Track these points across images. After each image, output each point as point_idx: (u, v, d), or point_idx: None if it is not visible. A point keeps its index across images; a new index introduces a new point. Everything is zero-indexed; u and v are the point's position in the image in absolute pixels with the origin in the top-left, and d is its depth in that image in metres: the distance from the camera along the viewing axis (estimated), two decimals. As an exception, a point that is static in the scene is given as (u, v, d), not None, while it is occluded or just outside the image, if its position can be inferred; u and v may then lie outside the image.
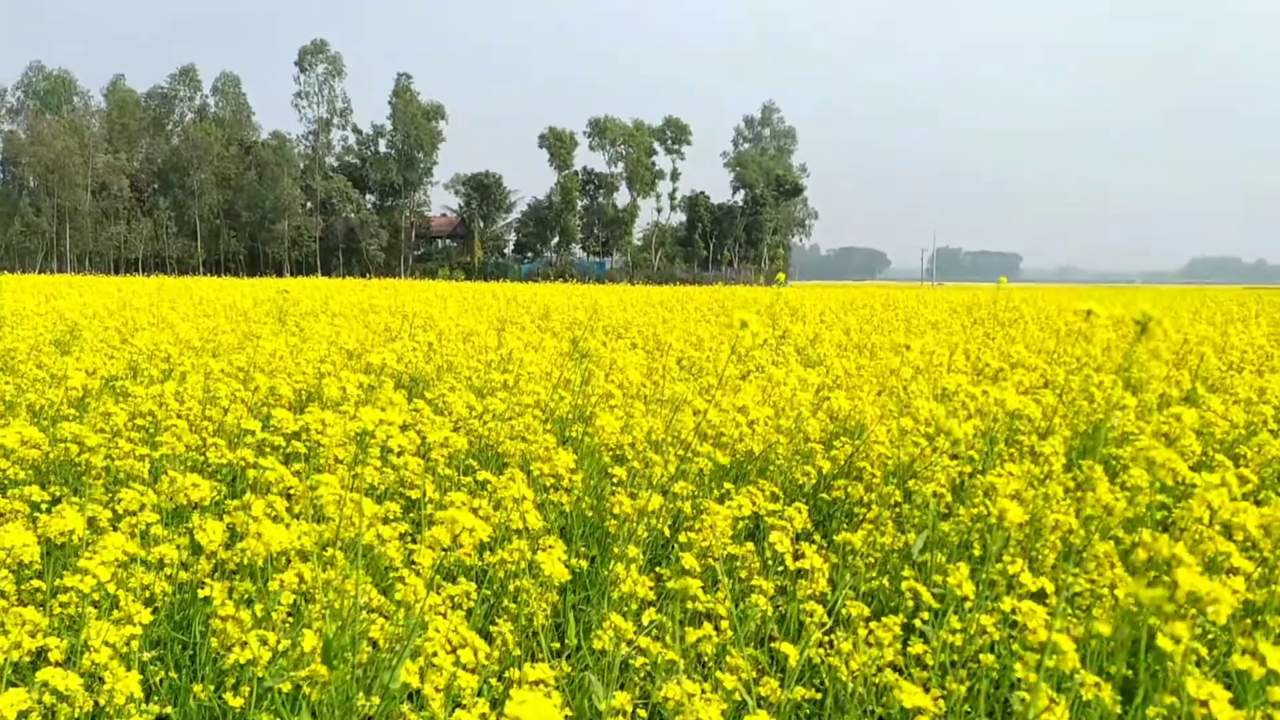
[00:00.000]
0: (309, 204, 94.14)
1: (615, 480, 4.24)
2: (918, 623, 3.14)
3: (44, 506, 3.71)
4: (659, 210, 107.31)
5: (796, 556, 2.89)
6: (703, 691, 2.35)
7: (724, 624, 2.78)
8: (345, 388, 4.64)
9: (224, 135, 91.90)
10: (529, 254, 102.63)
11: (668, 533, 4.08)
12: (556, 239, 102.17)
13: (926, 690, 2.87)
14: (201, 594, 3.00)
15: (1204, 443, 5.14)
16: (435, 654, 2.58)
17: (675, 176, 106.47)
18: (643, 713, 2.70)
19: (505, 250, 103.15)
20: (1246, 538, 3.09)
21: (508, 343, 8.28)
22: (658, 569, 3.85)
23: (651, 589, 3.42)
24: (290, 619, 2.93)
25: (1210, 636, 2.85)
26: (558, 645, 3.08)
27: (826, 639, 2.76)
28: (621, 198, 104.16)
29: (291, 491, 4.37)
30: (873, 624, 2.77)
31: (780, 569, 2.93)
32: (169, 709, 2.96)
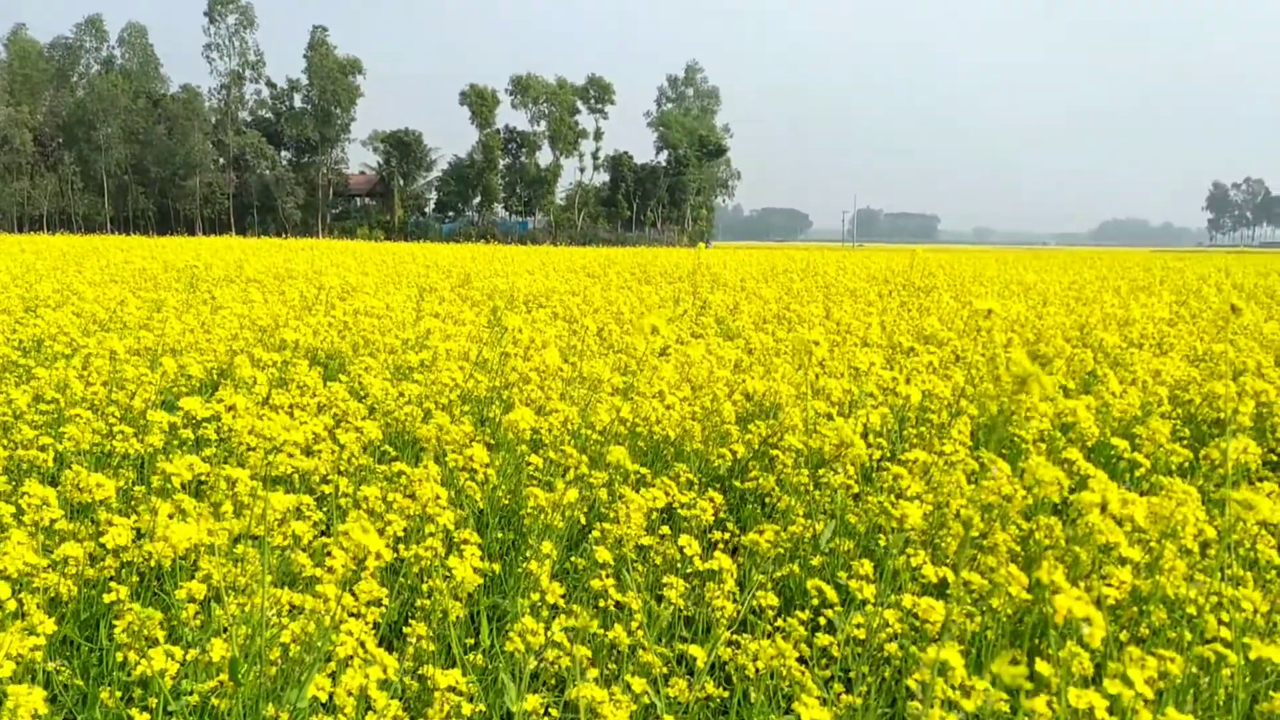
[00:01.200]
0: (221, 160, 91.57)
1: (532, 468, 4.26)
2: (829, 613, 3.23)
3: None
4: (582, 170, 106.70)
5: (706, 557, 2.95)
6: (611, 695, 2.40)
7: (634, 623, 2.82)
8: (256, 377, 4.58)
9: (131, 88, 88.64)
10: (450, 213, 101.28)
11: (584, 520, 4.11)
12: (478, 198, 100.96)
13: (830, 684, 2.97)
14: (108, 599, 2.95)
15: (1102, 421, 5.33)
16: (349, 659, 2.59)
17: (598, 136, 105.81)
18: (555, 711, 2.75)
19: (426, 209, 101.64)
20: (1135, 527, 3.22)
21: (425, 319, 8.21)
22: (574, 558, 3.89)
23: (564, 588, 3.46)
24: (200, 620, 2.91)
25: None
26: (472, 641, 3.11)
27: (735, 637, 2.83)
28: (544, 157, 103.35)
29: (203, 481, 4.31)
30: (779, 621, 2.84)
31: (691, 570, 2.98)
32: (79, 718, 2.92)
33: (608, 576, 3.00)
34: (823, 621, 2.94)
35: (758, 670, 2.64)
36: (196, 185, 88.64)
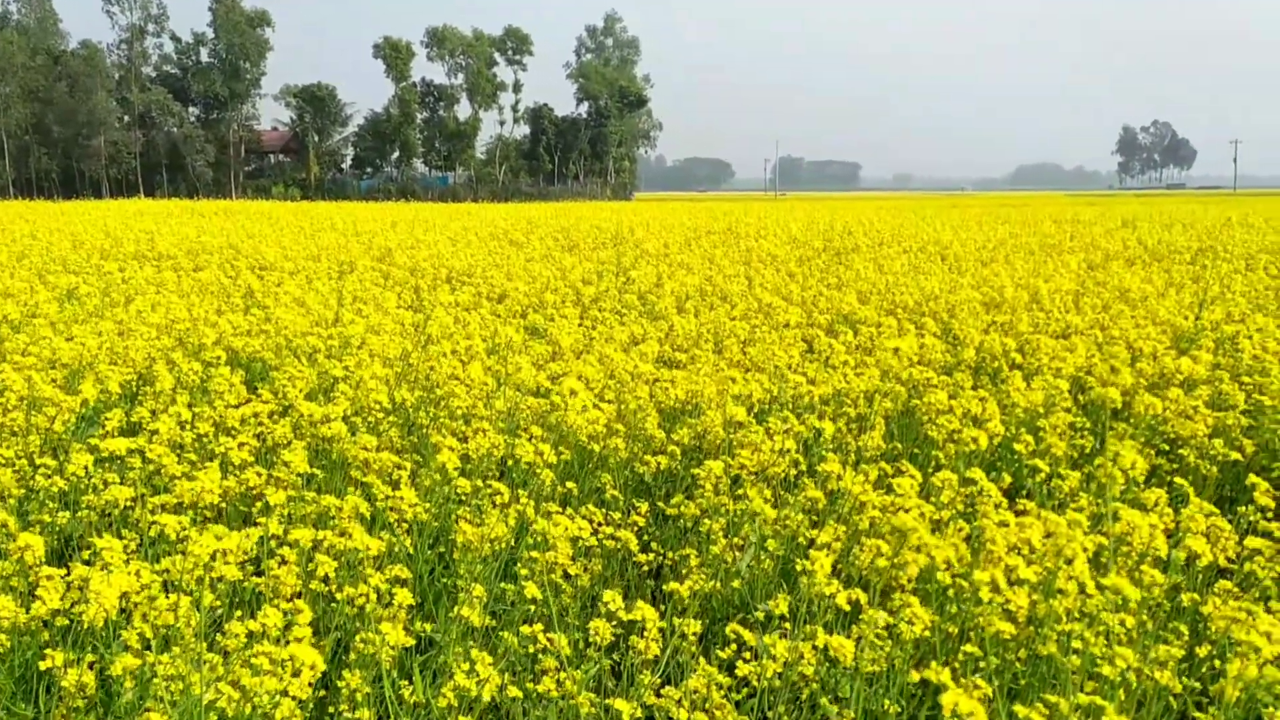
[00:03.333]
0: (126, 118, 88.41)
1: (461, 494, 4.33)
2: (748, 646, 3.37)
3: None
4: (502, 123, 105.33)
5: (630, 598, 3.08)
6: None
7: (564, 675, 2.95)
8: (179, 412, 4.57)
9: (29, 45, 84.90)
10: (368, 169, 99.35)
11: (514, 541, 4.22)
12: (397, 153, 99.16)
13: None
14: (43, 665, 2.99)
15: (1008, 417, 5.57)
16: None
17: (518, 88, 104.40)
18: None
19: (343, 166, 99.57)
20: (1032, 549, 3.42)
21: (347, 312, 8.18)
22: (503, 584, 4.00)
23: (493, 620, 3.57)
24: (135, 691, 2.96)
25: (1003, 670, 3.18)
26: (406, 692, 3.21)
27: (659, 681, 2.97)
28: (463, 110, 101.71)
29: (132, 519, 4.32)
30: (702, 660, 2.98)
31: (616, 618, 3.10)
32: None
33: (536, 622, 3.11)
34: (748, 656, 3.10)
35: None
36: (101, 145, 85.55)
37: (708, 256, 16.14)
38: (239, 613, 3.23)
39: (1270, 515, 3.87)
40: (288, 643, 2.87)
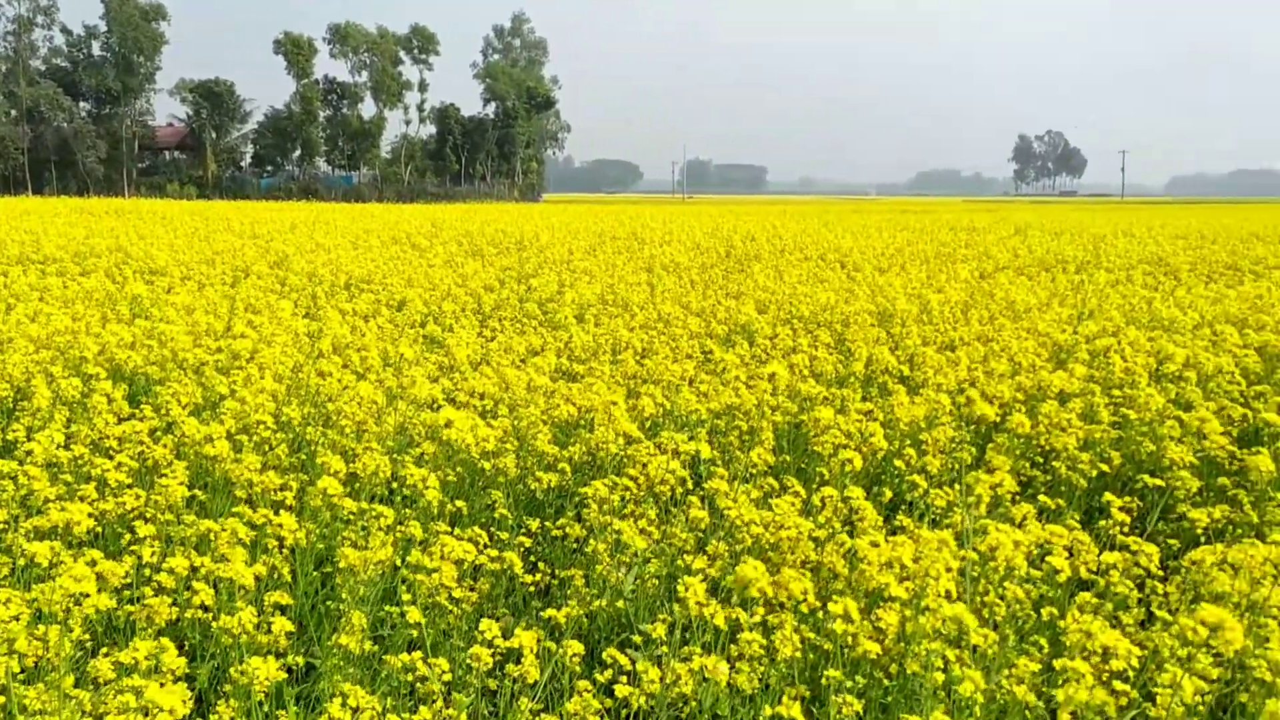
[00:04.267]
0: (14, 112, 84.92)
1: (346, 512, 4.30)
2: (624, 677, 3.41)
3: None
4: (407, 122, 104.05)
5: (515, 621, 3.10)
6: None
7: (440, 706, 2.96)
8: (54, 432, 4.44)
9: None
10: (269, 167, 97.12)
11: (399, 562, 4.20)
12: (299, 152, 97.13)
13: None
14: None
15: (892, 434, 5.73)
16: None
17: (423, 88, 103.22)
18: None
19: (242, 164, 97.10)
20: (903, 567, 3.54)
21: (238, 323, 8.02)
22: (388, 606, 3.98)
23: (376, 647, 3.56)
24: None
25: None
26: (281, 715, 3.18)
27: (539, 706, 3.00)
28: (367, 109, 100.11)
29: (4, 545, 4.18)
30: (581, 684, 3.02)
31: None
32: None
33: (415, 650, 3.12)
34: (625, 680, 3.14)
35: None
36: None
37: (611, 263, 16.19)
38: (105, 648, 3.16)
39: (1126, 529, 4.06)
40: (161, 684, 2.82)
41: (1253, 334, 7.94)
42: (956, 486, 4.76)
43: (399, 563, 4.15)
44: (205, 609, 3.56)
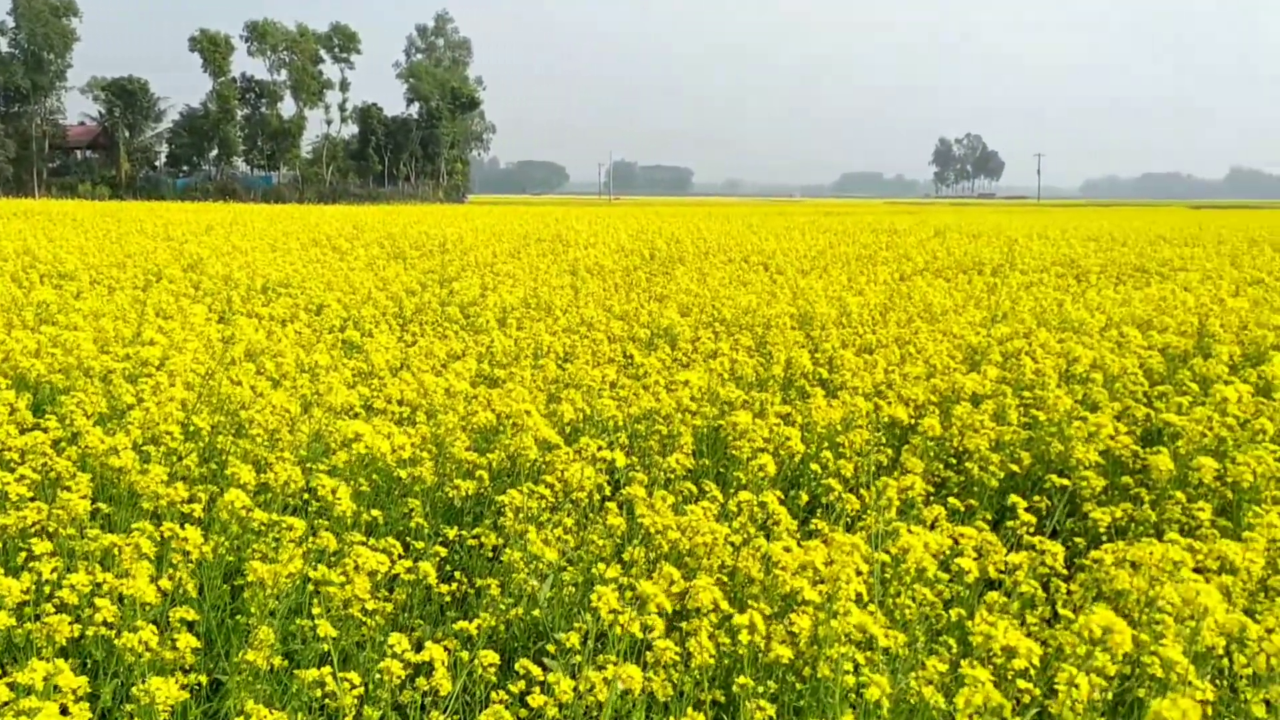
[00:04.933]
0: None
1: (257, 523, 4.21)
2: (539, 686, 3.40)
3: None
4: (329, 122, 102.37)
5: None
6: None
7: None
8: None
9: None
10: (185, 167, 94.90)
11: (312, 573, 4.12)
12: (216, 151, 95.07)
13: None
14: None
15: (809, 437, 5.80)
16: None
17: (345, 87, 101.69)
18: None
19: (157, 163, 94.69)
20: (816, 571, 3.58)
21: (148, 329, 7.81)
22: (299, 620, 3.90)
23: (286, 662, 3.49)
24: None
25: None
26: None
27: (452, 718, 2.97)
28: (287, 108, 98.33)
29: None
30: (495, 695, 3.00)
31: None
32: None
33: (325, 666, 3.07)
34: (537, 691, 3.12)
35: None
36: (-115, 138, 78.96)
37: (535, 266, 16.13)
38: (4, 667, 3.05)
39: (1033, 530, 4.16)
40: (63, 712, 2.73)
41: (1156, 335, 8.20)
42: (873, 488, 4.84)
43: (312, 574, 4.08)
44: (109, 625, 3.46)
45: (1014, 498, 4.22)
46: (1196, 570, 3.33)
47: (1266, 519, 3.72)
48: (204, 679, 3.38)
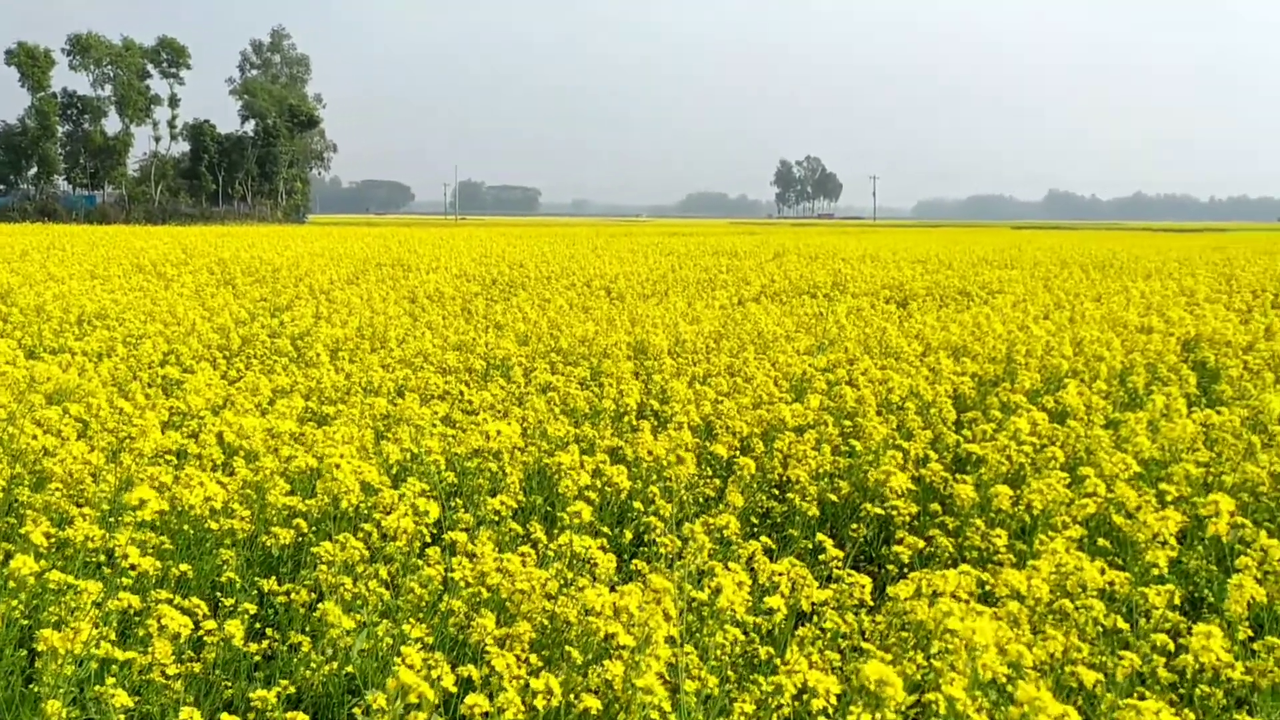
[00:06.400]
0: None
1: (55, 587, 3.99)
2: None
3: None
4: (158, 139, 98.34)
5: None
6: None
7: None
8: None
9: None
10: (2, 186, 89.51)
11: (96, 650, 3.93)
12: (35, 169, 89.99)
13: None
14: None
15: (636, 472, 5.86)
16: None
17: (175, 103, 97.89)
18: None
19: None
20: (631, 616, 3.61)
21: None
22: (98, 685, 3.72)
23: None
24: None
25: None
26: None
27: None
28: (112, 124, 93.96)
29: None
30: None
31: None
32: None
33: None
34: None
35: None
36: None
37: (371, 294, 15.80)
38: None
39: (843, 563, 4.31)
40: None
41: (969, 363, 8.63)
42: (697, 523, 4.92)
43: (95, 651, 3.88)
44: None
45: (821, 536, 4.37)
46: (984, 600, 3.51)
47: (1050, 545, 3.95)
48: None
